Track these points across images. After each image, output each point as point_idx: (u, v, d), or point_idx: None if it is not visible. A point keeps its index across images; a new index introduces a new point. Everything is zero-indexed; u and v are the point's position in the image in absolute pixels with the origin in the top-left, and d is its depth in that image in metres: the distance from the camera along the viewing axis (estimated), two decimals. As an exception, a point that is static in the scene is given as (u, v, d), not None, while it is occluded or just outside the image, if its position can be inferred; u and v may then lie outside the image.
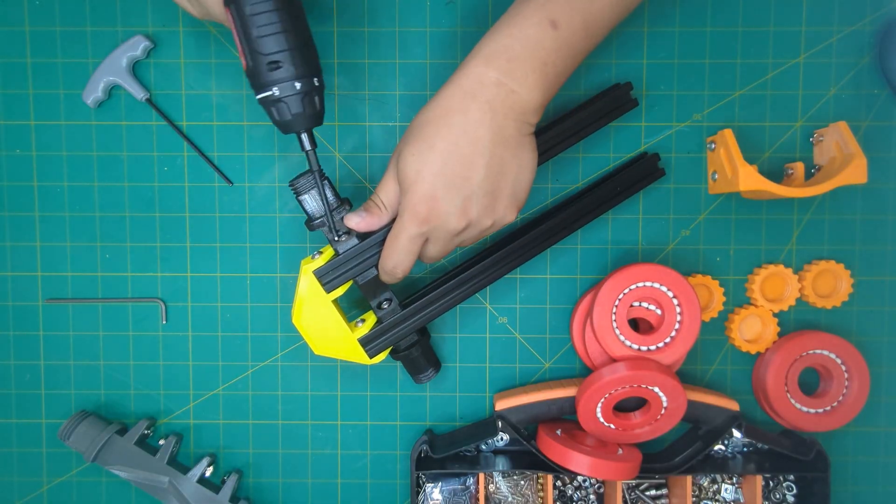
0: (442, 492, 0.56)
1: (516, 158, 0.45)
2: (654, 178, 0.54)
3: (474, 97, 0.43)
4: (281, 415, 0.58)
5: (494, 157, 0.44)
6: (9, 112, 0.56)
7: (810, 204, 0.56)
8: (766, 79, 0.56)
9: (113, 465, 0.54)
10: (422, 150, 0.44)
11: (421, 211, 0.44)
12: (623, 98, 0.53)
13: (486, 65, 0.43)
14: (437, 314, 0.51)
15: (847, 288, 0.56)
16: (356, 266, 0.48)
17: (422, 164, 0.44)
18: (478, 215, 0.45)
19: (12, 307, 0.57)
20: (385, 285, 0.50)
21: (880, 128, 0.56)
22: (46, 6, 0.56)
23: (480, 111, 0.43)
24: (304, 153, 0.46)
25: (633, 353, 0.52)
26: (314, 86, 0.44)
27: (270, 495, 0.58)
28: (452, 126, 0.43)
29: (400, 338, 0.51)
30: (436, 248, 0.47)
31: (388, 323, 0.50)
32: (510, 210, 0.46)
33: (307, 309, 0.49)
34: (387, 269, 0.48)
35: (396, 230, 0.46)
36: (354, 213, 0.47)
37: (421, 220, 0.44)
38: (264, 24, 0.42)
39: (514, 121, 0.44)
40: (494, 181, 0.44)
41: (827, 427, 0.54)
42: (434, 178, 0.43)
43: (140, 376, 0.58)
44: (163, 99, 0.56)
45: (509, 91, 0.43)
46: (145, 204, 0.57)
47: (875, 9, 0.56)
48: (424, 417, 0.58)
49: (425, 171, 0.43)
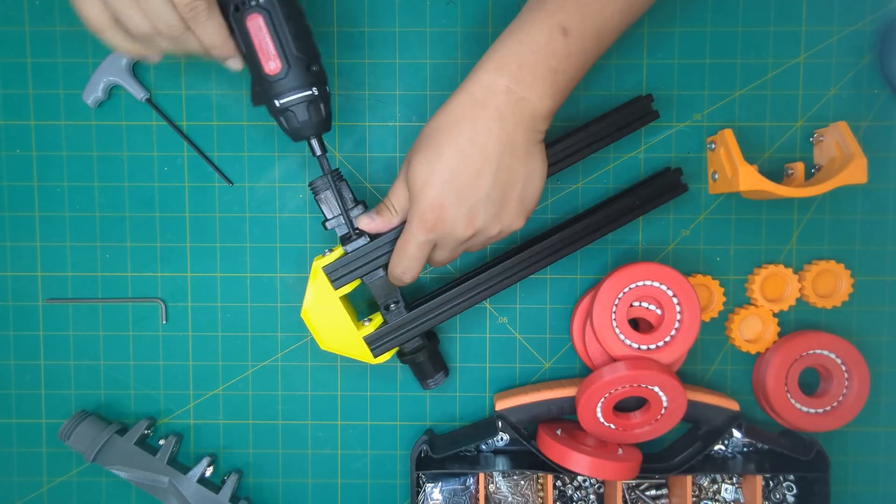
0: (442, 492, 0.56)
1: (525, 167, 0.45)
2: (676, 192, 0.53)
3: (484, 105, 0.43)
4: (281, 415, 0.58)
5: (503, 165, 0.44)
6: (9, 112, 0.56)
7: (810, 204, 0.56)
8: (766, 79, 0.56)
9: (113, 465, 0.54)
10: (430, 158, 0.44)
11: (429, 218, 0.44)
12: (644, 109, 0.52)
13: (496, 72, 0.44)
14: (443, 319, 0.51)
15: (847, 288, 0.56)
16: (365, 265, 0.49)
17: (430, 171, 0.44)
18: (485, 223, 0.45)
19: (12, 307, 0.57)
20: (394, 287, 0.50)
21: (880, 128, 0.56)
22: (46, 6, 0.56)
23: (490, 119, 0.43)
24: (316, 158, 0.47)
25: (633, 353, 0.52)
26: (324, 93, 0.45)
27: (270, 495, 0.58)
28: (461, 134, 0.43)
29: (405, 340, 0.51)
30: (443, 253, 0.47)
31: (393, 324, 0.51)
32: (518, 218, 0.46)
33: (316, 304, 0.50)
34: (395, 274, 0.48)
35: (405, 237, 0.46)
36: (366, 214, 0.48)
37: (429, 227, 0.45)
38: (295, 30, 0.43)
39: (523, 129, 0.44)
40: (502, 189, 0.44)
41: (827, 427, 0.54)
42: (442, 186, 0.44)
43: (140, 376, 0.58)
44: (163, 99, 0.56)
45: (519, 98, 0.43)
46: (145, 204, 0.57)
47: (875, 9, 0.56)
48: (424, 417, 0.58)
49: (433, 179, 0.44)
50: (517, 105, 0.43)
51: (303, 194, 0.57)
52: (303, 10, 0.45)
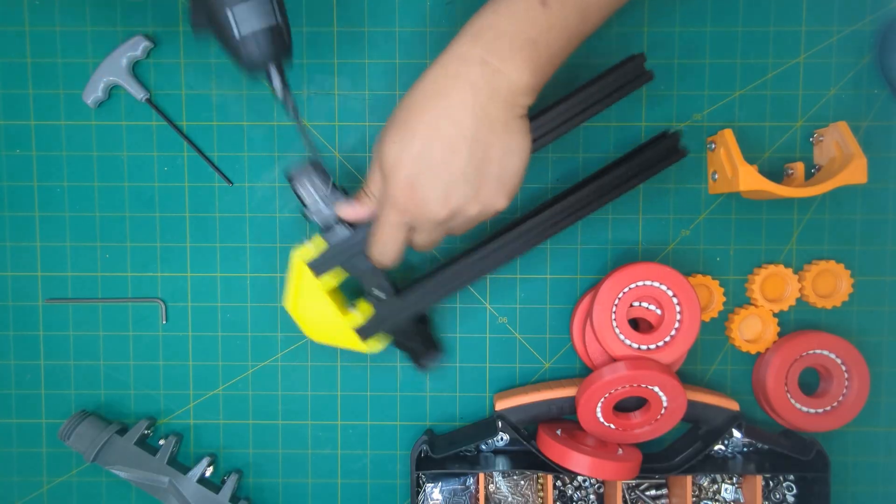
0: (442, 492, 0.56)
1: (502, 143, 0.42)
2: (675, 158, 0.50)
3: (457, 77, 0.41)
4: (281, 415, 0.58)
5: (478, 141, 0.41)
6: (9, 112, 0.56)
7: (810, 204, 0.56)
8: (766, 79, 0.56)
9: (113, 465, 0.54)
10: (403, 137, 0.42)
11: (400, 199, 0.42)
12: (638, 70, 0.47)
13: (470, 43, 0.41)
14: (433, 301, 0.50)
15: (847, 288, 0.56)
16: (346, 252, 0.48)
17: (401, 149, 0.42)
18: (461, 203, 0.43)
19: (12, 307, 0.57)
20: (379, 272, 0.49)
21: (880, 128, 0.56)
22: (46, 6, 0.56)
23: (463, 92, 0.41)
24: (277, 95, 0.44)
25: (633, 353, 0.52)
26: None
27: (270, 495, 0.58)
28: (433, 109, 0.41)
29: (396, 325, 0.50)
30: (422, 236, 0.46)
31: (382, 311, 0.50)
32: (499, 197, 0.43)
33: (300, 296, 0.49)
34: (373, 257, 0.47)
35: (379, 219, 0.45)
36: (345, 202, 0.47)
37: (401, 209, 0.43)
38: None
39: (501, 102, 0.41)
40: (478, 167, 0.42)
41: (827, 427, 0.54)
42: (413, 165, 0.41)
43: (140, 376, 0.58)
44: (163, 99, 0.56)
45: (494, 70, 0.41)
46: (145, 204, 0.57)
47: (875, 9, 0.56)
48: (424, 417, 0.58)
49: (404, 158, 0.41)
50: (493, 78, 0.41)
51: (303, 194, 0.57)
52: None
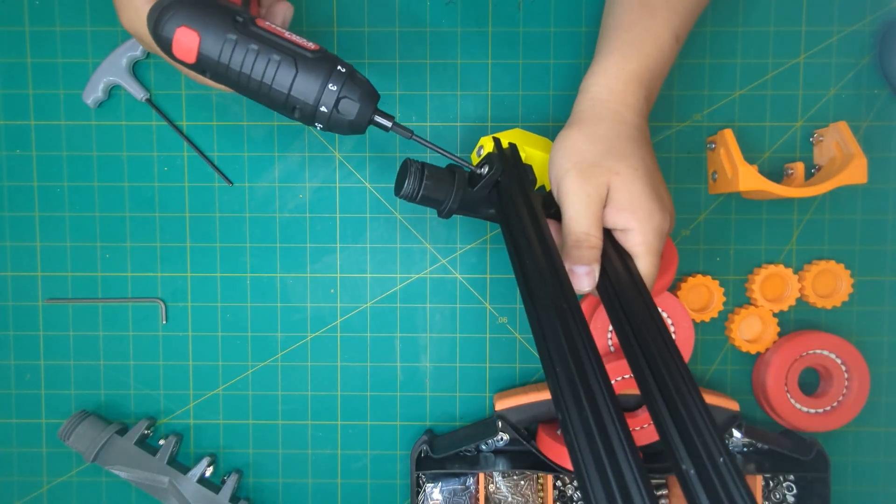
0: (442, 492, 0.56)
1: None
2: None
3: (643, 116, 0.46)
4: (281, 415, 0.58)
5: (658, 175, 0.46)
6: (9, 112, 0.56)
7: (810, 204, 0.56)
8: (766, 79, 0.56)
9: (113, 465, 0.54)
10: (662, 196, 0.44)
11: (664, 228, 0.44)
12: None
13: (639, 85, 0.45)
14: None
15: (847, 288, 0.56)
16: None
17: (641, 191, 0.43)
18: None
19: (12, 307, 0.57)
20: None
21: (880, 128, 0.56)
22: (46, 6, 0.56)
23: (643, 132, 0.45)
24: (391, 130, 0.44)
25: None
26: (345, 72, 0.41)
27: (270, 495, 0.58)
28: (636, 151, 0.44)
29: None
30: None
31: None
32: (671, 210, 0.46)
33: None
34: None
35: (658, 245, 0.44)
36: (584, 272, 0.42)
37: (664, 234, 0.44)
38: None
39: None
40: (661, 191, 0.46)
41: (827, 427, 0.54)
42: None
43: (140, 376, 0.58)
44: (163, 99, 0.56)
45: (650, 104, 0.47)
46: (145, 204, 0.57)
47: (875, 9, 0.56)
48: (424, 417, 0.58)
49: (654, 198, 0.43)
50: (648, 109, 0.47)
51: (303, 194, 0.57)
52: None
